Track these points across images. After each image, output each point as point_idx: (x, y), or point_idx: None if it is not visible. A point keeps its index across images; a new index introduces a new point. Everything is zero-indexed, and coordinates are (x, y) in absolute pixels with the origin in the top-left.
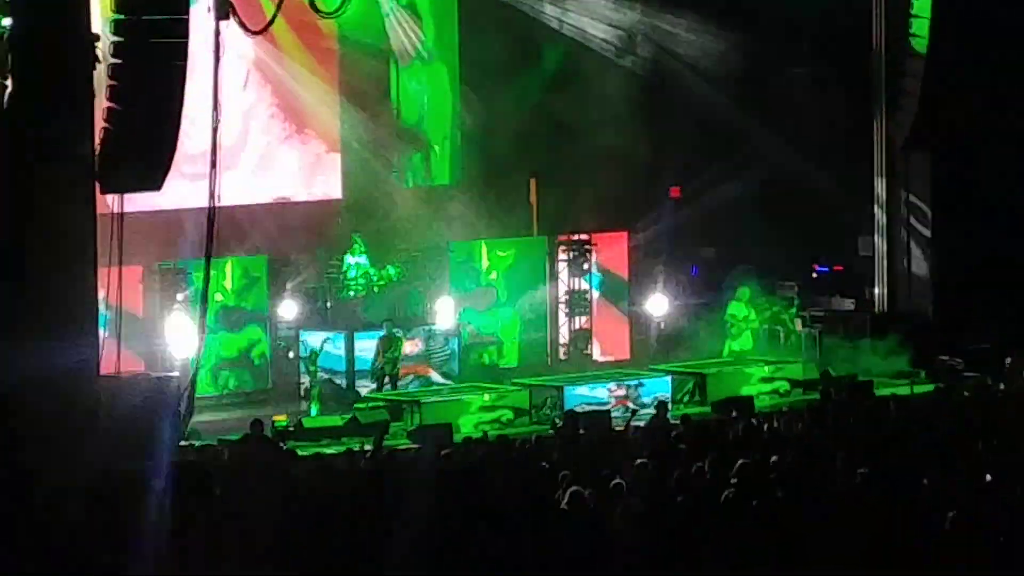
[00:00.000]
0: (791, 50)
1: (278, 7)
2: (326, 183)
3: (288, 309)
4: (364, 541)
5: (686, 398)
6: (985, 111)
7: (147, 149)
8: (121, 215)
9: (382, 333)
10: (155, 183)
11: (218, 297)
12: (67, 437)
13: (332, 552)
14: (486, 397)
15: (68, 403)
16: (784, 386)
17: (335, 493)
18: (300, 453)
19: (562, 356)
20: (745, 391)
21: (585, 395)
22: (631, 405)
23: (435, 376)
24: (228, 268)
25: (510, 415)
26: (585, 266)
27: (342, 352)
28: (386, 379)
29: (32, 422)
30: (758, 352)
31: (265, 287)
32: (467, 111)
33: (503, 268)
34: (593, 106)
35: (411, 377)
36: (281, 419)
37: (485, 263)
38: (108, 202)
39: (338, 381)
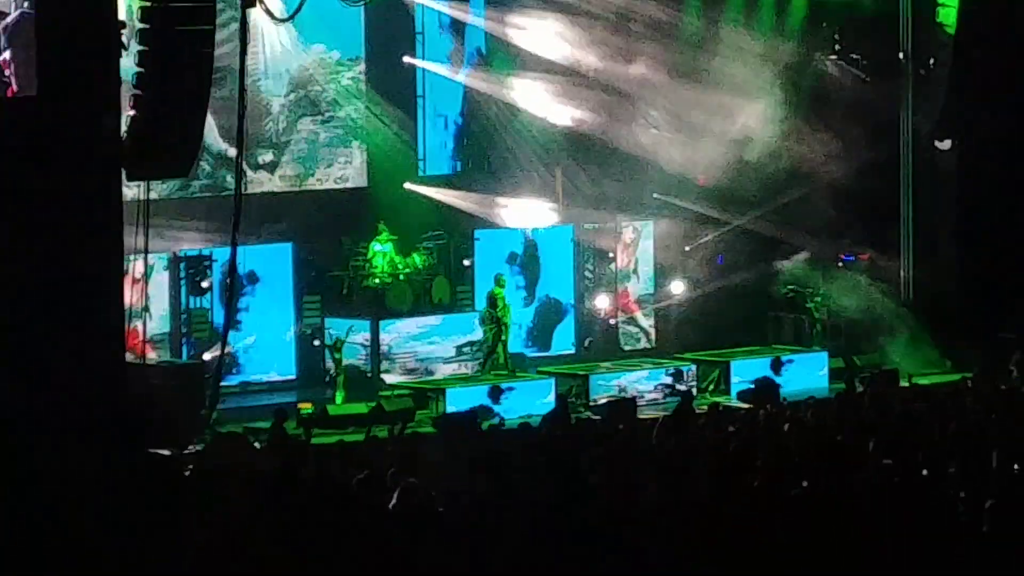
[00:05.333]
0: (819, 38)
1: None
2: (352, 170)
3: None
4: (390, 530)
5: (711, 386)
6: (1013, 100)
7: (174, 136)
8: (147, 202)
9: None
10: (182, 170)
11: (244, 283)
12: (91, 425)
13: (355, 543)
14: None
15: (93, 391)
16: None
17: (355, 482)
18: (323, 440)
19: (586, 344)
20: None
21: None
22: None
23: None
24: (255, 255)
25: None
26: (611, 254)
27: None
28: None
29: (56, 410)
30: None
31: (291, 274)
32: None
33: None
34: None
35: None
36: (306, 407)
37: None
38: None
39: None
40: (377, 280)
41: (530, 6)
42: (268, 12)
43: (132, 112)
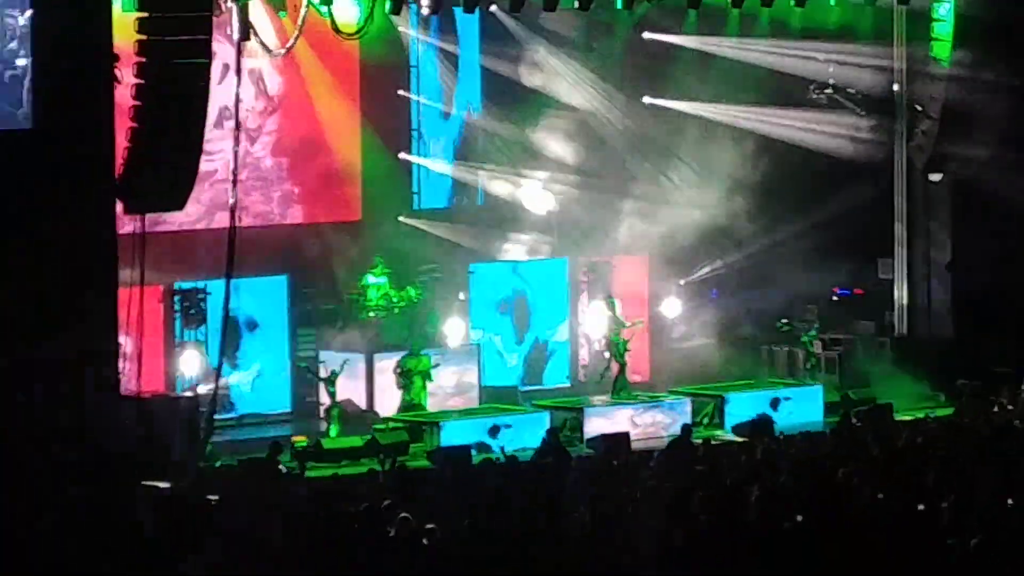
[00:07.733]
0: (812, 72)
1: (300, 29)
2: (346, 204)
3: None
4: (382, 562)
5: (705, 420)
6: (1006, 133)
7: (170, 169)
8: (143, 235)
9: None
10: (178, 203)
11: (239, 316)
12: (88, 456)
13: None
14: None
15: (90, 423)
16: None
17: (349, 514)
18: (316, 474)
19: (581, 378)
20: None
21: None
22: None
23: None
24: (248, 288)
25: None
26: (605, 288)
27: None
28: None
29: (54, 442)
30: None
31: (285, 308)
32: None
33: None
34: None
35: None
36: (301, 440)
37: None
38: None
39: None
40: (372, 313)
41: (525, 41)
42: (263, 45)
43: (128, 145)
